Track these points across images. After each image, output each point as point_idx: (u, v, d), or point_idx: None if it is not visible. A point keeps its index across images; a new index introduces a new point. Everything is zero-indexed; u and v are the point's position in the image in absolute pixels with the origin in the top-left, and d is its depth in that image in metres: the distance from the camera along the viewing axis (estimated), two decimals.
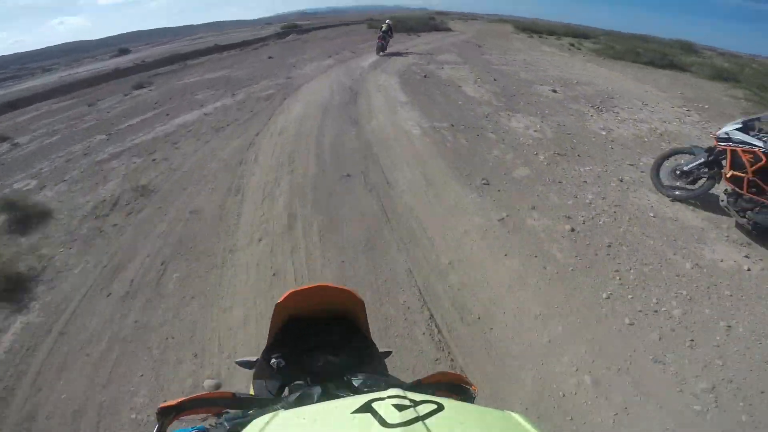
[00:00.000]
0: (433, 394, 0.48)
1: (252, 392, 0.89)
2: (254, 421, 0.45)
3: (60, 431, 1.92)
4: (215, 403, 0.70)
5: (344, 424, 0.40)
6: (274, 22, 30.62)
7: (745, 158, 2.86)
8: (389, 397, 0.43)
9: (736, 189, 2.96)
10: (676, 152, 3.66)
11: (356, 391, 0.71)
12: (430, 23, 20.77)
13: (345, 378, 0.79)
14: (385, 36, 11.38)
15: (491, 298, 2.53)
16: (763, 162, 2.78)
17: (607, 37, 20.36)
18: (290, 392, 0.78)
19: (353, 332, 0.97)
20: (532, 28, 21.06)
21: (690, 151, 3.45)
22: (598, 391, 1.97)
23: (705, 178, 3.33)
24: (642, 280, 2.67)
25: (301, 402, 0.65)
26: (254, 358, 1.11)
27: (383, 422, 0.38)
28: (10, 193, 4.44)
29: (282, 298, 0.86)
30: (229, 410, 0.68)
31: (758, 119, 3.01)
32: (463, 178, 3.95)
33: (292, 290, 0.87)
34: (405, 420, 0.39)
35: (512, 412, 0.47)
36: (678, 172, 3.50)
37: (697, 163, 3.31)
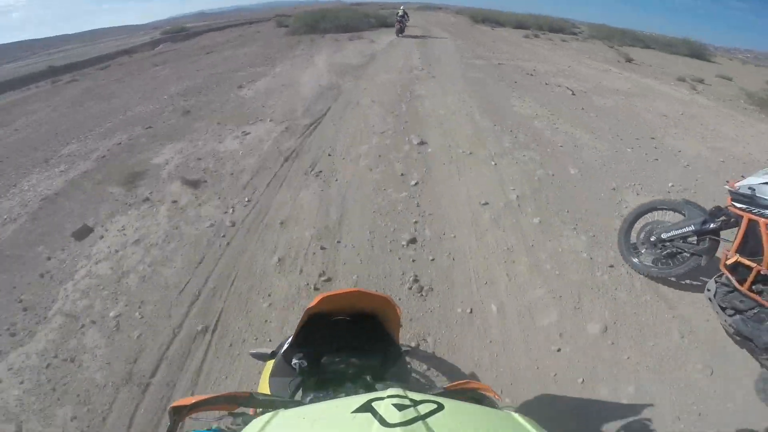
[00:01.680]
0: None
1: (268, 390, 0.88)
2: (254, 421, 0.45)
3: None
4: (231, 401, 0.68)
5: (344, 423, 0.41)
6: (166, 26, 26.70)
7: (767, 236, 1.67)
8: (389, 396, 0.44)
9: (734, 281, 1.80)
10: (659, 206, 2.35)
11: None
12: (366, 20, 15.66)
13: (368, 379, 0.79)
14: (402, 20, 13.15)
15: None
16: None
17: (589, 28, 17.73)
18: (304, 392, 0.78)
19: (378, 331, 0.93)
20: (495, 20, 18.27)
21: (679, 208, 2.20)
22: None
23: (691, 253, 2.12)
24: None
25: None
26: (268, 350, 1.13)
27: (383, 422, 0.38)
28: None
29: (313, 302, 0.81)
30: (245, 409, 0.67)
31: None
32: None
33: (325, 295, 0.82)
34: (405, 419, 0.38)
35: (512, 412, 0.47)
36: (653, 239, 2.27)
37: (685, 229, 2.10)
